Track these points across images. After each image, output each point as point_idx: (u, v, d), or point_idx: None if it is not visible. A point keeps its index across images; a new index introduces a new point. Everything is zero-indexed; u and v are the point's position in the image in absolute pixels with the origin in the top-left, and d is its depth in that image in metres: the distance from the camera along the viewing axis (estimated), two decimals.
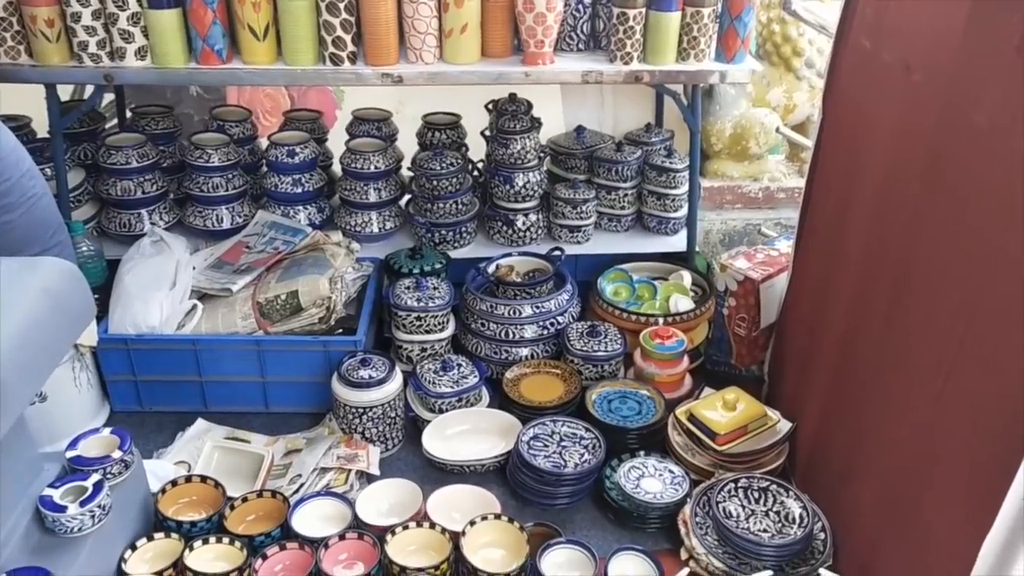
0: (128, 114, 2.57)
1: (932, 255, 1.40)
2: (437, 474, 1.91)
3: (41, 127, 2.27)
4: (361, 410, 1.92)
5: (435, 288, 2.13)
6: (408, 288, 2.13)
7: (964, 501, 1.26)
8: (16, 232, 1.76)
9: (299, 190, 2.34)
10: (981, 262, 1.26)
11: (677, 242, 2.45)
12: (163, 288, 2.07)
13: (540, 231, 2.43)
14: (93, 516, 1.40)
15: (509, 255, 2.35)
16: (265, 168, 2.43)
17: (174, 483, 1.68)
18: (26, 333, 1.18)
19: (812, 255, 1.92)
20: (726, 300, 2.13)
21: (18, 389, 1.17)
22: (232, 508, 1.65)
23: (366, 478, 1.87)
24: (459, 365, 2.07)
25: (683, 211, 2.43)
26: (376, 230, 2.38)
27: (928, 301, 1.40)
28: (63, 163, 2.19)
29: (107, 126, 2.55)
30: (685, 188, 2.40)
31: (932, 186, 1.40)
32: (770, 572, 1.55)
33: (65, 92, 2.47)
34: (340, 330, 2.11)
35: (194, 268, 2.18)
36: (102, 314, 2.06)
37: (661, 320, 2.15)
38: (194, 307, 2.07)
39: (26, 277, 1.29)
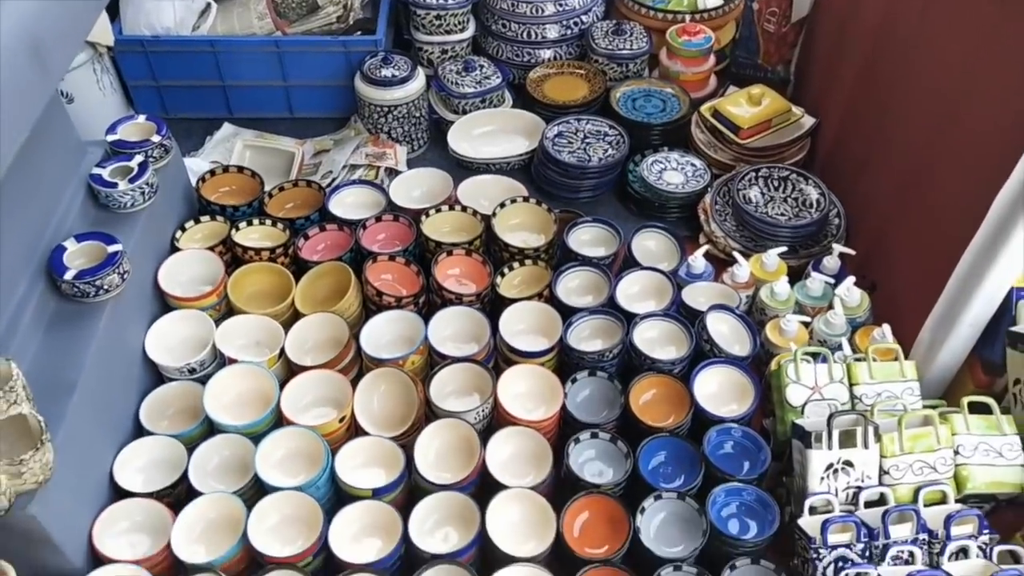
0: None
1: None
2: (463, 173, 1.94)
3: None
4: (386, 109, 1.93)
5: None
6: None
7: (975, 175, 1.30)
8: None
9: None
10: None
11: None
12: None
13: None
14: (143, 192, 1.46)
15: None
16: None
17: (212, 172, 1.73)
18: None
19: None
20: None
21: (54, 53, 1.16)
22: (271, 196, 1.71)
23: (395, 175, 1.91)
24: (481, 66, 2.04)
25: None
26: None
27: None
28: None
29: None
30: None
31: None
32: (784, 248, 1.62)
33: None
34: (359, 32, 2.06)
35: None
36: (114, 14, 2.01)
37: (688, 17, 2.08)
38: (208, 7, 2.01)
39: None
